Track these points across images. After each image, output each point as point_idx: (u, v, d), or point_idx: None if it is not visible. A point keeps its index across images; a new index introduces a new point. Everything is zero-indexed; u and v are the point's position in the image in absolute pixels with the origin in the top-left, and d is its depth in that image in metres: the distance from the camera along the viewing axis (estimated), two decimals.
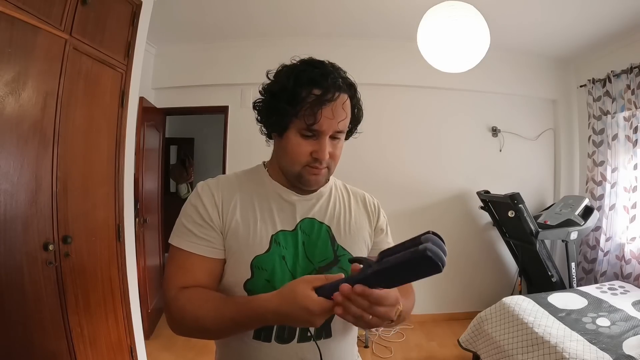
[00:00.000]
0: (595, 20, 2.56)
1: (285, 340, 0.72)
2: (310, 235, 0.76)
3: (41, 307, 1.42)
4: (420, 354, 2.71)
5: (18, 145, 1.31)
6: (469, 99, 3.32)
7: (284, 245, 0.74)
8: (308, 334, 0.72)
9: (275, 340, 0.72)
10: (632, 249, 2.68)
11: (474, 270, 3.35)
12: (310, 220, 0.77)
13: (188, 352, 2.65)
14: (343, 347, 0.78)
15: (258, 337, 0.72)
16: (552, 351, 1.79)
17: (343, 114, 0.70)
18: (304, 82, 0.68)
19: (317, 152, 0.70)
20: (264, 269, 0.71)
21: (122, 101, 1.89)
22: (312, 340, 0.72)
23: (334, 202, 0.82)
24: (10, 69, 1.25)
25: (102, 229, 1.80)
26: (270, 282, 0.71)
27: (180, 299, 0.68)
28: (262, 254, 0.72)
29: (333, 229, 0.78)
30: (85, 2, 1.53)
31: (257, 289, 0.70)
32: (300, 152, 0.70)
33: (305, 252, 0.75)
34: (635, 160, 2.72)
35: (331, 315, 0.72)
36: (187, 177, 5.32)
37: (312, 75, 0.68)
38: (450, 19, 1.83)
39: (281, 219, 0.76)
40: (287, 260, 0.73)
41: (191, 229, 0.72)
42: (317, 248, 0.75)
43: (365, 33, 2.99)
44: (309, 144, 0.70)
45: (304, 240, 0.75)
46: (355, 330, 0.83)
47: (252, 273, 0.71)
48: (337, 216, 0.80)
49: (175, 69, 3.28)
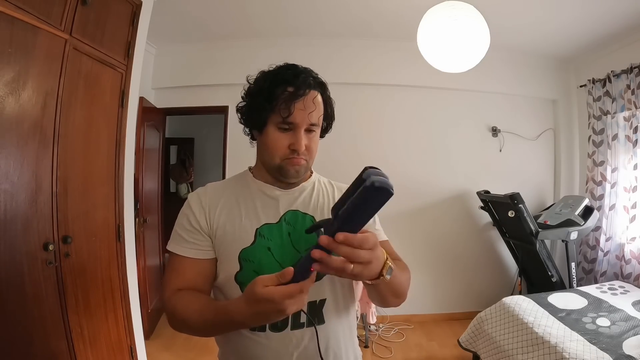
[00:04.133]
0: (595, 20, 2.56)
1: (279, 329, 0.76)
2: (295, 226, 0.81)
3: (41, 307, 1.42)
4: (420, 354, 2.71)
5: (18, 145, 1.31)
6: (469, 99, 3.32)
7: (269, 237, 0.79)
8: (300, 320, 0.77)
9: (269, 329, 0.76)
10: (632, 249, 2.68)
11: (474, 270, 3.35)
12: (294, 212, 0.82)
13: (188, 352, 2.65)
14: (339, 334, 0.81)
15: (254, 328, 0.76)
16: (552, 351, 1.79)
17: (313, 107, 0.77)
18: (279, 82, 0.76)
19: (294, 144, 0.76)
20: (251, 260, 0.77)
21: (122, 101, 1.89)
22: (304, 327, 0.77)
23: (317, 194, 0.87)
24: (10, 69, 1.25)
25: (102, 229, 1.80)
26: (258, 272, 0.73)
27: (172, 301, 0.75)
28: (248, 246, 0.77)
29: (317, 218, 0.82)
30: (85, 2, 1.53)
31: (247, 280, 0.71)
32: (279, 145, 0.77)
33: (292, 242, 0.79)
34: (635, 160, 2.72)
35: (322, 303, 0.78)
36: (187, 177, 5.31)
37: (285, 75, 0.76)
38: (450, 19, 1.83)
39: (265, 214, 0.81)
40: (273, 251, 0.78)
41: (182, 235, 0.80)
42: (302, 238, 0.80)
43: (365, 33, 2.99)
44: (286, 137, 0.76)
45: (289, 231, 0.80)
46: (351, 319, 0.86)
47: (241, 266, 0.77)
48: (320, 207, 0.84)
49: (175, 69, 3.28)
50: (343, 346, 0.82)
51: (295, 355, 0.76)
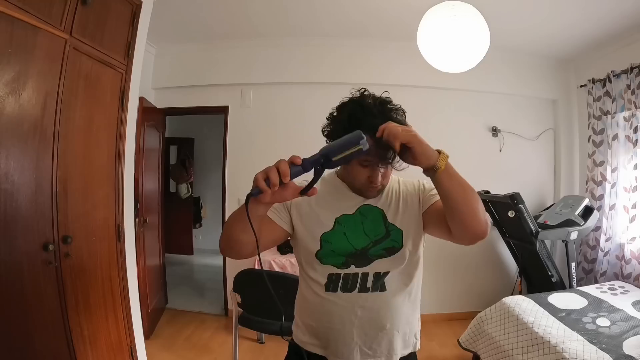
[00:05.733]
0: (595, 20, 2.56)
1: (348, 290, 0.95)
2: (368, 216, 0.98)
3: (41, 307, 1.42)
4: (421, 354, 2.70)
5: (18, 145, 1.31)
6: (469, 99, 3.32)
7: (345, 225, 0.97)
8: (367, 285, 0.95)
9: (340, 290, 0.95)
10: (632, 249, 2.68)
11: (474, 270, 3.35)
12: (368, 206, 0.99)
13: (188, 352, 2.65)
14: (398, 303, 0.97)
15: (327, 289, 0.96)
16: (552, 351, 1.79)
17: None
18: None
19: (371, 177, 0.92)
20: (329, 242, 0.96)
21: (122, 101, 1.89)
22: (369, 291, 0.95)
23: (387, 192, 1.02)
24: (10, 69, 1.25)
25: (102, 229, 1.80)
26: (334, 252, 0.95)
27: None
28: (328, 231, 0.96)
29: (385, 210, 0.99)
30: (85, 2, 1.53)
31: (324, 257, 0.96)
32: (359, 177, 0.94)
33: (364, 230, 0.97)
34: (635, 160, 2.72)
35: (385, 274, 0.96)
36: (187, 177, 5.31)
37: (374, 124, 0.86)
38: (450, 19, 1.83)
39: (345, 206, 0.99)
40: (348, 236, 0.96)
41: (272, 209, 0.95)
42: (372, 225, 0.97)
43: (365, 33, 2.99)
44: (366, 171, 0.92)
45: (362, 221, 0.97)
46: (413, 297, 1.02)
47: (321, 245, 0.96)
48: (388, 201, 1.00)
49: (175, 69, 3.28)
50: (403, 316, 0.99)
51: (359, 313, 0.94)
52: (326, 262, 0.96)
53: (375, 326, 0.95)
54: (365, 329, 0.95)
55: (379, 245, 0.96)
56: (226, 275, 3.25)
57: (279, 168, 0.70)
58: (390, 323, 0.96)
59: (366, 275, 0.95)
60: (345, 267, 0.95)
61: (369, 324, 0.95)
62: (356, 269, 0.95)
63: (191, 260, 5.27)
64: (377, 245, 0.96)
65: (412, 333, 1.05)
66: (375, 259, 0.95)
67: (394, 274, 0.96)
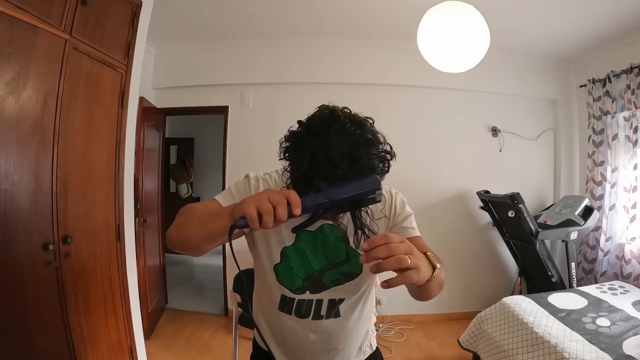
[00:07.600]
0: (595, 20, 2.56)
1: (302, 316, 0.92)
2: (329, 237, 0.90)
3: (41, 307, 1.42)
4: (420, 354, 2.71)
5: (18, 145, 1.31)
6: (469, 99, 3.32)
7: (305, 242, 0.90)
8: (320, 313, 0.91)
9: (294, 315, 0.92)
10: (632, 249, 2.68)
11: (474, 270, 3.35)
12: (330, 225, 0.90)
13: (188, 352, 2.65)
14: (353, 325, 0.95)
15: (282, 310, 0.92)
16: (552, 351, 1.79)
17: None
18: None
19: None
20: (289, 257, 0.89)
21: (122, 101, 1.89)
22: (323, 318, 0.91)
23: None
24: (10, 69, 1.25)
25: (102, 229, 1.80)
26: (292, 268, 0.89)
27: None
28: (289, 245, 0.89)
29: (348, 231, 0.90)
30: (85, 2, 1.53)
31: (282, 272, 0.90)
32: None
33: (323, 250, 0.91)
34: (635, 160, 2.72)
35: (340, 301, 0.91)
36: (187, 177, 5.32)
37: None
38: (450, 19, 1.83)
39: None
40: (308, 255, 0.90)
41: (233, 193, 0.87)
42: (332, 248, 0.90)
43: (365, 33, 2.99)
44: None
45: (322, 241, 0.91)
46: (365, 318, 0.99)
47: (281, 259, 0.90)
48: (353, 219, 0.88)
49: (175, 69, 3.27)
50: (357, 334, 0.98)
51: (312, 337, 0.92)
52: (281, 281, 0.90)
53: (329, 348, 0.94)
54: (318, 349, 0.94)
55: (336, 269, 0.91)
56: (226, 275, 3.25)
57: (289, 198, 0.59)
58: (344, 344, 0.96)
59: (320, 302, 0.91)
60: (300, 292, 0.90)
61: (322, 346, 0.94)
62: (311, 295, 0.90)
63: (191, 260, 5.27)
64: (334, 268, 0.91)
65: (367, 340, 1.04)
66: (331, 286, 0.91)
67: (349, 301, 0.93)
